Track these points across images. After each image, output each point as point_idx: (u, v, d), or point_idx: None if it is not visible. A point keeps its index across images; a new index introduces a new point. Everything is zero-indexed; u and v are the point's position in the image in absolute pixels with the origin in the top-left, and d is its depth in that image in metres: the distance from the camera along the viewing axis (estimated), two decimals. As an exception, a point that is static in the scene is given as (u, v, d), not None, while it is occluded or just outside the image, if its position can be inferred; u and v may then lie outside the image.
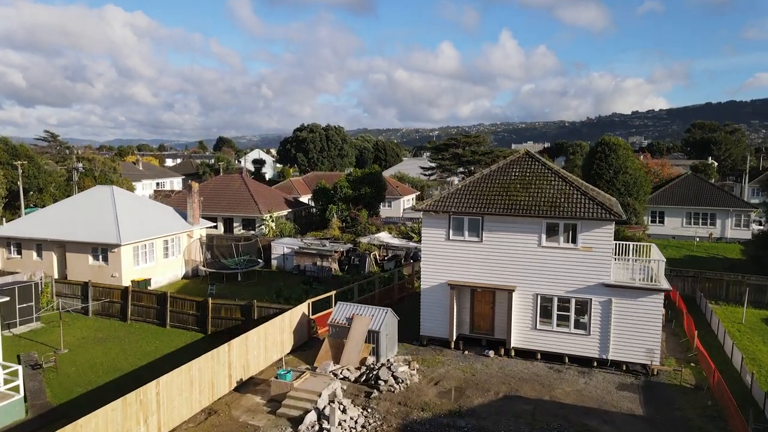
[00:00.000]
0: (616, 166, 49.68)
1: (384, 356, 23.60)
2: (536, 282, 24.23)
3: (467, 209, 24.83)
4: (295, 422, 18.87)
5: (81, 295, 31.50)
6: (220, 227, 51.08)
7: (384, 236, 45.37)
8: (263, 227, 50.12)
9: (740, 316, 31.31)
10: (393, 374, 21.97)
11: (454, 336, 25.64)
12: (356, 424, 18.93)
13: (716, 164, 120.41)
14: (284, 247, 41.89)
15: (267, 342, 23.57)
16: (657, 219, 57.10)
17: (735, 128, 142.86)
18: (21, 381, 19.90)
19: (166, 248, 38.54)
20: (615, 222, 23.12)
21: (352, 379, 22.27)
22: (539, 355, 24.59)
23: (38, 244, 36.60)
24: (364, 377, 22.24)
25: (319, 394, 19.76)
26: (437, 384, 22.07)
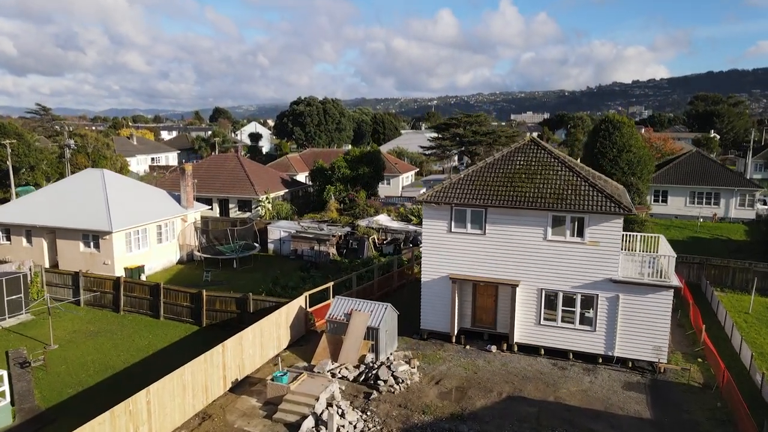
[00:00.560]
0: (620, 145, 48.44)
1: (383, 353, 22.93)
2: (541, 277, 23.41)
3: (470, 201, 23.84)
4: (292, 428, 18.24)
5: (72, 285, 30.66)
6: (216, 209, 50.07)
7: (383, 219, 44.45)
8: (259, 209, 49.12)
9: (747, 305, 30.68)
10: (393, 374, 21.32)
11: (456, 330, 24.96)
12: (355, 430, 18.33)
13: (718, 138, 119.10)
14: (281, 231, 40.99)
15: (263, 339, 22.85)
16: (660, 198, 56.16)
17: (738, 100, 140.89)
18: (7, 386, 19.21)
19: (160, 233, 37.60)
20: (624, 216, 22.19)
21: (351, 379, 21.63)
22: (543, 351, 23.95)
23: (27, 230, 35.64)
24: (363, 376, 21.59)
25: (317, 398, 19.10)
26: (438, 383, 21.44)
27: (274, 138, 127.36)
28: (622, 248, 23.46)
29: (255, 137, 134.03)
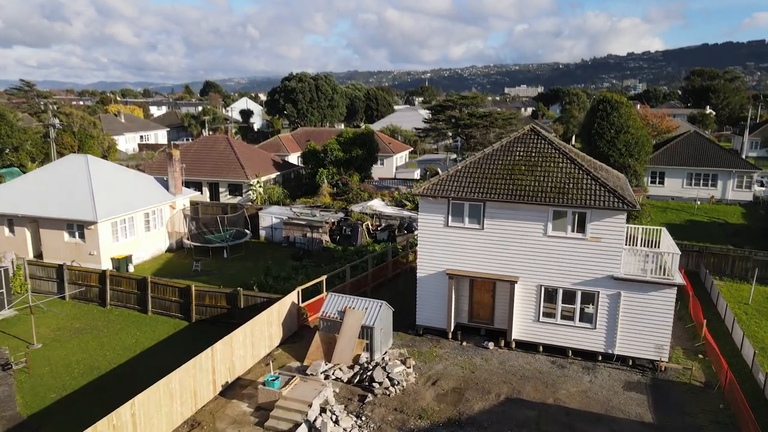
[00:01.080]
0: (618, 125, 47.47)
1: (378, 352, 22.29)
2: (540, 273, 22.70)
3: (468, 194, 22.96)
4: (285, 437, 17.65)
5: (57, 278, 29.71)
6: (205, 193, 48.89)
7: (377, 204, 43.52)
8: (251, 193, 48.02)
9: (746, 295, 30.24)
10: (388, 375, 20.70)
11: (452, 326, 24.34)
12: (350, 437, 17.76)
13: (714, 114, 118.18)
14: (273, 218, 40.02)
15: (254, 338, 22.12)
16: (657, 180, 55.46)
17: (735, 75, 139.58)
18: (-14, 395, 18.45)
19: (148, 221, 36.55)
20: (628, 211, 21.41)
21: (345, 380, 21.00)
22: (541, 348, 23.40)
23: (9, 219, 34.49)
24: (358, 378, 20.96)
25: (310, 405, 18.47)
26: (435, 384, 20.87)
27: (266, 114, 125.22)
28: (624, 245, 22.74)
29: (246, 114, 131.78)
